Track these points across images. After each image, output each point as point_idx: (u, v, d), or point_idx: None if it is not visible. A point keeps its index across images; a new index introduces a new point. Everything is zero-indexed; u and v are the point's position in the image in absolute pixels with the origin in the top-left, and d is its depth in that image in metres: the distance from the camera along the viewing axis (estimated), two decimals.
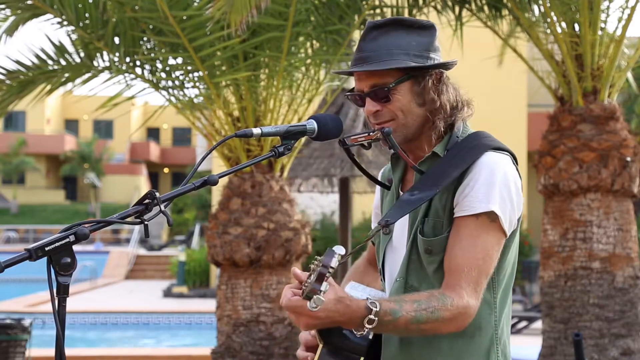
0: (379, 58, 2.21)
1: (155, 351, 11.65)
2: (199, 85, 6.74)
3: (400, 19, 2.27)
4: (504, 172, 2.18)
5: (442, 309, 2.07)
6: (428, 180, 2.20)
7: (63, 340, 1.86)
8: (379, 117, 2.23)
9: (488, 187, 2.15)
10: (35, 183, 52.46)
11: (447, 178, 2.17)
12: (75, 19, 6.47)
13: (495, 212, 2.14)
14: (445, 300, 2.08)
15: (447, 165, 2.20)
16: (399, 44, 2.22)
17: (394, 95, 2.21)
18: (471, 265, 2.13)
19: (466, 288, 2.11)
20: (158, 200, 1.97)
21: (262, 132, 2.15)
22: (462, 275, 2.12)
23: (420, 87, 2.23)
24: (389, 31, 2.25)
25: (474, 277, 2.12)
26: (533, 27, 6.92)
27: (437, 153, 2.24)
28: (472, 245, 2.14)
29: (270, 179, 6.75)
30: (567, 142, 6.69)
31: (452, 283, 2.12)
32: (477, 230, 2.15)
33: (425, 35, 2.27)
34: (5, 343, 8.04)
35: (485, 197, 2.14)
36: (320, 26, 6.46)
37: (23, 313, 14.62)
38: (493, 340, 2.24)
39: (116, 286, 24.07)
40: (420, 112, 2.24)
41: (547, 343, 6.73)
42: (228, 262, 6.63)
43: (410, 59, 2.21)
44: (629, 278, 6.58)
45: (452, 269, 2.14)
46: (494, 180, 2.15)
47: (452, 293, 2.10)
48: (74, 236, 1.88)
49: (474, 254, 2.13)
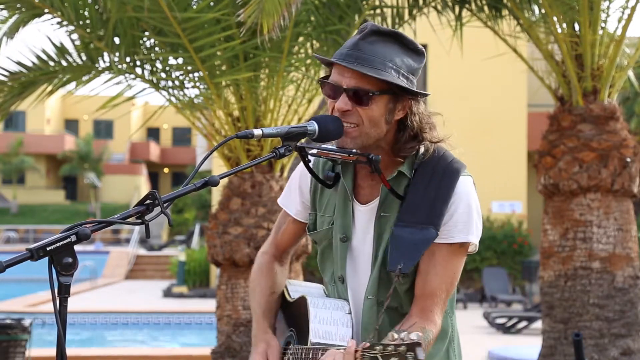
0: (372, 64, 2.22)
1: (155, 351, 11.64)
2: (199, 85, 6.74)
3: (401, 35, 2.29)
4: (475, 200, 2.31)
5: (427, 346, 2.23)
6: (416, 212, 2.27)
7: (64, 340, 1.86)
8: (346, 117, 2.24)
9: (467, 218, 2.28)
10: (35, 183, 52.46)
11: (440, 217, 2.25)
12: (75, 18, 6.47)
13: (471, 242, 2.30)
14: (429, 336, 2.24)
15: (427, 193, 2.27)
16: (392, 58, 2.24)
17: (371, 103, 2.23)
18: (442, 289, 2.29)
19: (436, 311, 2.28)
20: (159, 200, 1.98)
21: (263, 133, 2.15)
22: (435, 299, 2.28)
23: (394, 106, 2.27)
24: (387, 42, 2.27)
25: (443, 299, 2.30)
26: (533, 27, 6.92)
27: (404, 173, 2.30)
28: (445, 269, 2.29)
29: (270, 179, 6.76)
30: (567, 142, 6.69)
31: (426, 309, 2.27)
32: (450, 257, 2.29)
33: (416, 60, 2.30)
34: (5, 343, 8.04)
35: (465, 228, 2.28)
36: (321, 26, 6.46)
37: (23, 313, 14.61)
38: (450, 339, 2.42)
39: (116, 286, 24.07)
40: (384, 127, 2.27)
41: (547, 343, 6.74)
42: (228, 262, 6.63)
43: (399, 77, 2.24)
44: (629, 278, 6.58)
45: (426, 294, 2.28)
46: (471, 211, 2.29)
47: (429, 324, 2.25)
48: (76, 236, 1.89)
49: (445, 279, 2.29)
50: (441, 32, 7.42)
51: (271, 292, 2.51)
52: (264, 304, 2.49)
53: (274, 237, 2.58)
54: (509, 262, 20.02)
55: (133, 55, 6.62)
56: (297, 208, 2.51)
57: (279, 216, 2.59)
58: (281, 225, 2.57)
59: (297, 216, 2.52)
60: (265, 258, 2.57)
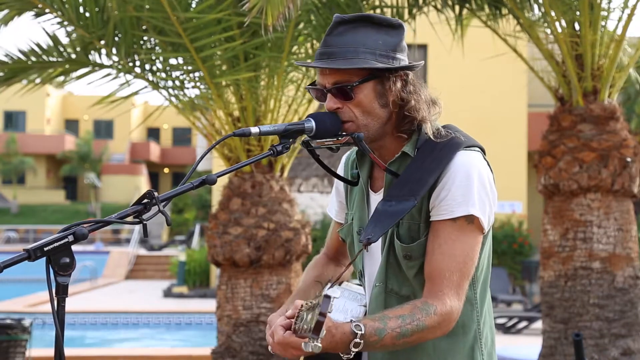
0: (343, 55, 2.17)
1: (155, 351, 11.64)
2: (199, 86, 6.74)
3: (369, 16, 2.22)
4: (478, 171, 2.17)
5: (426, 319, 2.08)
6: (404, 187, 2.17)
7: (62, 340, 1.86)
8: (340, 115, 2.21)
9: (465, 189, 2.14)
10: (36, 183, 52.47)
11: (424, 186, 2.15)
12: (76, 18, 6.46)
13: (474, 214, 2.14)
14: (429, 309, 2.09)
15: (421, 168, 2.17)
16: (365, 42, 2.18)
17: (356, 95, 2.18)
18: (452, 270, 2.13)
19: (448, 293, 2.12)
20: (157, 200, 1.97)
21: (260, 131, 2.14)
22: (444, 280, 2.12)
23: (383, 88, 2.20)
24: (357, 27, 2.21)
25: (455, 281, 2.13)
26: (533, 27, 6.92)
27: (407, 153, 2.23)
28: (452, 249, 2.14)
29: (271, 179, 6.76)
30: (567, 142, 6.69)
31: (434, 290, 2.13)
32: (456, 234, 2.15)
33: (393, 35, 2.22)
34: (5, 343, 8.04)
35: (464, 200, 2.14)
36: (321, 26, 6.46)
37: (23, 313, 14.62)
38: (476, 337, 2.26)
39: (116, 286, 24.07)
40: (382, 113, 2.21)
41: (547, 343, 6.73)
42: (228, 262, 6.63)
43: (376, 58, 2.18)
44: (629, 278, 6.57)
45: (434, 275, 2.15)
46: (471, 182, 2.15)
47: (434, 300, 2.11)
48: (73, 236, 1.88)
49: (454, 258, 2.13)
50: (441, 32, 7.41)
51: (315, 281, 2.48)
52: (302, 290, 2.46)
53: (327, 240, 2.58)
54: (509, 262, 20.01)
55: (133, 55, 6.61)
56: (336, 209, 2.50)
57: None
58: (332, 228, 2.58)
59: (336, 218, 2.51)
60: (320, 255, 2.59)
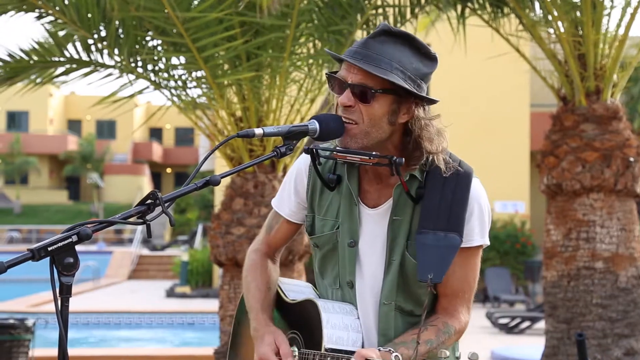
0: (378, 63, 2.23)
1: (157, 351, 11.65)
2: (201, 86, 6.74)
3: (412, 38, 2.29)
4: (486, 202, 2.37)
5: (448, 341, 2.31)
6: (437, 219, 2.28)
7: (66, 340, 1.86)
8: (348, 113, 2.25)
9: (480, 220, 2.34)
10: (38, 183, 52.51)
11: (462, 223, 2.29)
12: (78, 20, 6.46)
13: (485, 243, 2.36)
14: (450, 330, 2.32)
15: (444, 198, 2.29)
16: (400, 60, 2.25)
17: (373, 101, 2.24)
18: (465, 289, 2.36)
19: (462, 310, 2.36)
20: (160, 200, 1.97)
21: (264, 133, 2.15)
22: (458, 300, 2.35)
23: (398, 107, 2.26)
24: (398, 44, 2.27)
25: (467, 298, 2.37)
26: (536, 27, 6.91)
27: (416, 176, 2.32)
28: (466, 272, 2.35)
29: (273, 179, 6.76)
30: (570, 142, 6.68)
31: (451, 308, 2.35)
32: (469, 258, 2.35)
33: (426, 65, 2.29)
34: (8, 343, 8.04)
35: (481, 232, 2.34)
36: (323, 26, 6.46)
37: (26, 313, 14.63)
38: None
39: (119, 286, 24.09)
40: (386, 128, 2.27)
41: (550, 343, 6.73)
42: (231, 262, 6.63)
43: (405, 79, 2.23)
44: (632, 278, 6.57)
45: (449, 294, 2.35)
46: (483, 213, 2.34)
47: (452, 320, 2.34)
48: (77, 236, 1.89)
49: (467, 280, 2.35)
50: (443, 32, 7.41)
51: (267, 287, 2.49)
52: (261, 299, 2.46)
53: (265, 235, 2.56)
54: (512, 262, 20.01)
55: (135, 55, 6.61)
56: (291, 209, 2.50)
57: (270, 214, 2.57)
58: (273, 224, 2.55)
59: (290, 217, 2.51)
60: (258, 255, 2.55)
